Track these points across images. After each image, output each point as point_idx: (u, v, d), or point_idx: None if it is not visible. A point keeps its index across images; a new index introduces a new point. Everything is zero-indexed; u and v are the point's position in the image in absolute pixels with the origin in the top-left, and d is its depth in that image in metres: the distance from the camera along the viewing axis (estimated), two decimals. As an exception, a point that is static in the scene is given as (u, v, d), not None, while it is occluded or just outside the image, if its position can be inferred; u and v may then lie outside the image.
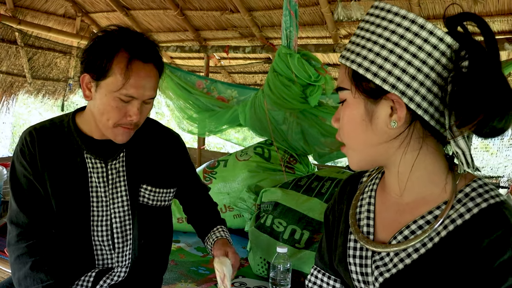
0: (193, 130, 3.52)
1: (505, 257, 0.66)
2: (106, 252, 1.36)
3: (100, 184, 1.33)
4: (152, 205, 1.41)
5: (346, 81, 0.79)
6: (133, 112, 1.23)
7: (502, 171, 2.92)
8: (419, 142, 0.76)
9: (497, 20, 2.77)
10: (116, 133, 1.27)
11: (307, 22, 3.32)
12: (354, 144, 0.81)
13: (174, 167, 1.48)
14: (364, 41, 0.75)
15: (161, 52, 1.31)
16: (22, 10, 3.85)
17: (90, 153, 1.32)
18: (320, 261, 1.04)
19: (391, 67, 0.72)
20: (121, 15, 4.03)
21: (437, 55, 0.71)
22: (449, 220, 0.74)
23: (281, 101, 2.45)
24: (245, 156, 2.70)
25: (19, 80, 4.17)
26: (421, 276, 0.75)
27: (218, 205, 1.69)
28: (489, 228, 0.69)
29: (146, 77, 1.22)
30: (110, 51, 1.19)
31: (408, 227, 0.79)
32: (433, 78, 0.71)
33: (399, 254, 0.78)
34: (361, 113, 0.77)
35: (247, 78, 4.25)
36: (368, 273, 0.84)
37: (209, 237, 1.51)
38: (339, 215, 0.97)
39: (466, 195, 0.75)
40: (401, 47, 0.71)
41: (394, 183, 0.83)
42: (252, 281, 1.97)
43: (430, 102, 0.72)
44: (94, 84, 1.23)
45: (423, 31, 0.71)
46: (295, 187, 2.17)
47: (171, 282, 1.89)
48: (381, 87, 0.73)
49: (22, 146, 1.30)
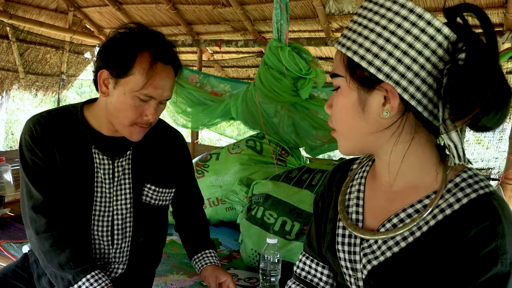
0: (187, 124, 3.52)
1: (491, 247, 0.66)
2: (104, 247, 1.36)
3: (105, 181, 1.33)
4: (153, 204, 1.42)
5: (340, 67, 0.78)
6: (150, 112, 1.24)
7: (493, 164, 2.93)
8: (411, 132, 0.75)
9: (488, 13, 2.76)
10: (132, 132, 1.27)
11: (299, 16, 3.32)
12: (345, 131, 0.81)
13: (176, 168, 1.48)
14: (360, 28, 0.74)
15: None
16: (14, 4, 3.82)
17: (98, 148, 1.32)
18: (309, 248, 1.04)
19: (387, 56, 0.71)
20: (114, 10, 4.00)
21: (434, 46, 0.70)
22: (438, 209, 0.74)
23: (272, 94, 2.45)
24: (237, 149, 2.71)
25: (11, 76, 4.15)
26: (409, 264, 0.75)
27: (210, 222, 1.69)
28: (477, 218, 0.69)
29: (166, 78, 1.24)
30: (133, 50, 1.19)
31: (397, 215, 0.79)
32: (429, 69, 0.70)
33: (387, 242, 0.79)
34: (354, 101, 0.76)
35: (240, 72, 4.25)
36: (356, 260, 0.84)
37: (199, 259, 1.51)
38: (329, 202, 0.97)
39: (456, 185, 0.74)
40: (397, 36, 0.70)
41: (384, 171, 0.83)
42: (244, 273, 1.99)
43: (424, 93, 0.71)
44: (113, 81, 1.22)
45: (421, 21, 0.70)
46: (286, 179, 2.18)
47: (163, 274, 1.91)
48: (375, 76, 0.72)
49: (31, 133, 1.27)
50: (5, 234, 2.26)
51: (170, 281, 1.85)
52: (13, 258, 1.96)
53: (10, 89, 4.25)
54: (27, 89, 4.36)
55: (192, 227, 1.60)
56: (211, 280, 1.43)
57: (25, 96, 5.42)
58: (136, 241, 1.40)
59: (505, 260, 0.66)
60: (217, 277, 1.42)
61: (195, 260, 1.53)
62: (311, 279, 1.03)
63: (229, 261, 2.14)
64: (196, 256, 1.53)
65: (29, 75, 4.26)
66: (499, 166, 2.88)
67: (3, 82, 4.14)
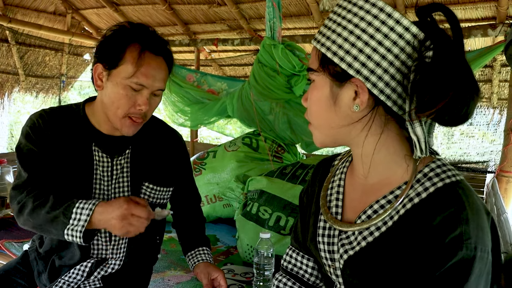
0: (184, 123, 3.55)
1: (456, 233, 0.68)
2: (102, 243, 1.38)
3: (104, 178, 1.35)
4: (151, 202, 1.45)
5: (315, 63, 0.81)
6: (142, 101, 1.27)
7: (488, 157, 2.95)
8: (381, 126, 0.79)
9: (480, 6, 2.79)
10: (124, 124, 1.30)
11: (293, 13, 3.34)
12: (318, 123, 0.85)
13: (174, 167, 1.51)
14: (335, 26, 0.78)
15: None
16: (12, 8, 3.87)
17: (98, 146, 1.35)
18: (295, 241, 1.08)
19: (357, 53, 0.74)
20: (111, 11, 4.05)
21: (402, 44, 0.73)
22: (407, 199, 0.77)
23: (266, 91, 2.49)
24: (233, 146, 2.74)
25: (12, 78, 4.20)
26: (381, 252, 0.78)
27: (206, 220, 1.72)
28: (442, 205, 0.71)
29: (157, 67, 1.27)
30: (123, 42, 1.24)
31: (371, 207, 0.82)
32: (397, 66, 0.73)
33: (363, 233, 0.82)
34: (327, 94, 0.80)
35: (237, 70, 4.28)
36: (335, 251, 0.87)
37: (193, 255, 1.55)
38: (312, 197, 1.01)
39: (424, 175, 0.77)
40: (368, 34, 0.74)
41: (359, 164, 0.87)
42: (240, 268, 2.02)
43: (393, 88, 0.74)
44: (106, 74, 1.26)
45: (390, 19, 0.73)
46: (280, 175, 2.21)
47: (161, 270, 1.94)
48: (346, 71, 0.75)
49: (33, 125, 1.30)
50: (7, 234, 2.31)
51: (167, 277, 1.88)
52: (14, 256, 2.00)
53: (11, 92, 4.30)
54: (28, 91, 4.41)
55: (188, 225, 1.64)
56: (203, 277, 1.46)
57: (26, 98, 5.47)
58: (133, 238, 1.42)
59: (469, 245, 0.68)
60: (209, 274, 1.46)
61: (189, 256, 1.56)
62: (297, 271, 1.06)
63: (226, 256, 2.17)
64: (190, 253, 1.57)
65: (29, 78, 4.31)
66: (494, 159, 2.90)
67: (4, 85, 4.19)
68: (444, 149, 3.48)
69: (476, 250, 0.68)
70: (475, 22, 2.89)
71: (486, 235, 0.71)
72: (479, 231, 0.69)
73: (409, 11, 2.94)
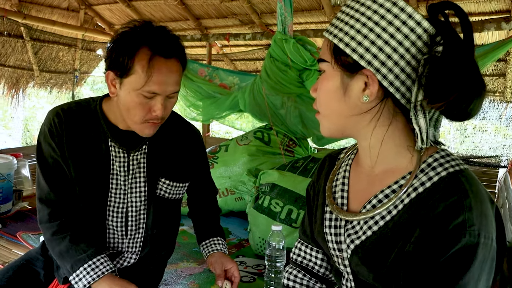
0: (196, 117, 3.58)
1: (459, 220, 0.70)
2: (118, 237, 1.41)
3: (120, 173, 1.37)
4: (167, 197, 1.46)
5: (327, 53, 0.83)
6: (157, 107, 1.24)
7: (500, 151, 2.93)
8: (389, 118, 0.80)
9: (494, -1, 2.77)
10: (143, 128, 1.30)
11: (305, 8, 3.35)
12: (327, 112, 0.86)
13: (191, 162, 1.51)
14: (347, 18, 0.80)
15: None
16: (27, 4, 3.93)
17: (114, 141, 1.35)
18: (303, 234, 1.10)
19: (369, 45, 0.76)
20: (123, 7, 4.08)
21: (414, 38, 0.75)
22: (412, 188, 0.78)
23: (278, 86, 2.50)
24: (245, 140, 2.76)
25: (27, 74, 4.26)
26: (386, 241, 0.80)
27: (221, 211, 1.73)
28: (445, 193, 0.73)
29: (168, 72, 1.23)
30: (132, 48, 1.20)
31: (376, 196, 0.84)
32: (408, 59, 0.75)
33: (368, 222, 0.84)
34: (337, 85, 0.82)
35: (248, 64, 4.29)
36: (342, 241, 0.89)
37: (207, 245, 1.56)
38: (318, 190, 1.03)
39: (428, 165, 0.79)
40: (380, 27, 0.76)
41: (366, 155, 0.88)
42: (252, 260, 2.05)
43: (402, 81, 0.76)
44: (118, 81, 1.24)
45: (403, 13, 0.75)
46: (291, 168, 2.23)
47: (174, 262, 1.98)
48: (357, 62, 0.77)
49: (50, 126, 1.31)
50: (24, 226, 2.36)
51: (180, 268, 1.92)
52: (30, 247, 2.05)
53: (26, 87, 4.36)
54: (42, 86, 4.47)
55: (204, 215, 1.65)
56: (216, 267, 1.47)
57: (41, 93, 5.54)
58: (149, 232, 1.44)
59: (473, 232, 0.69)
60: (223, 264, 1.46)
61: (203, 246, 1.57)
62: (306, 264, 1.09)
63: (238, 249, 2.20)
64: (204, 242, 1.57)
65: (43, 73, 4.37)
66: (507, 153, 2.88)
67: (19, 81, 4.25)
68: (457, 143, 3.47)
69: (480, 236, 0.69)
70: (488, 15, 2.87)
71: (490, 222, 0.72)
72: (483, 219, 0.71)
73: (421, 4, 2.93)
